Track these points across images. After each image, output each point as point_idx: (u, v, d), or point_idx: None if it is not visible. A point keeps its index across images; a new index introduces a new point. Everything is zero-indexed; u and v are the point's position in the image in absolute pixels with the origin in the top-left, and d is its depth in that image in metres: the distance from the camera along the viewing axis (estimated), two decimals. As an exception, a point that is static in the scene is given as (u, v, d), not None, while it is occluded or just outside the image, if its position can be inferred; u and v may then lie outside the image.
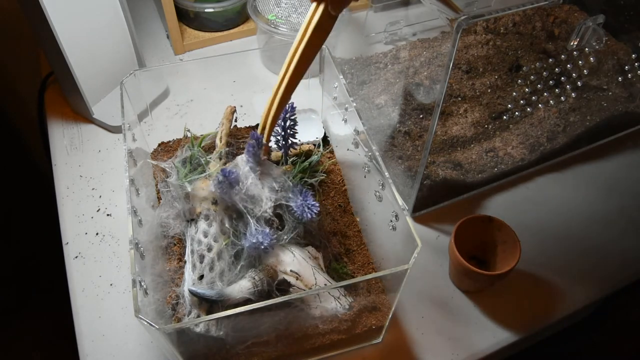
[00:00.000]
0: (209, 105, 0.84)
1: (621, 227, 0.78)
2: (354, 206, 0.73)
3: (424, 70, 0.87)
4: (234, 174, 0.57)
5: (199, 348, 0.54)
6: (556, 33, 0.84)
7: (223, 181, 0.57)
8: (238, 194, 0.58)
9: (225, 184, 0.57)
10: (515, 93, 0.77)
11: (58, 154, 0.83)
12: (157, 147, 0.81)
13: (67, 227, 0.73)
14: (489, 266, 0.69)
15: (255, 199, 0.58)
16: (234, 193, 0.58)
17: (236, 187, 0.58)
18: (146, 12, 1.08)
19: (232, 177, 0.57)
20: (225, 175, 0.57)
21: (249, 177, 0.59)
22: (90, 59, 0.80)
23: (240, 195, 0.58)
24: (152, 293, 0.53)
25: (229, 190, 0.58)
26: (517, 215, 0.78)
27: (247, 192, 0.58)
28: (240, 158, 0.61)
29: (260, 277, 0.55)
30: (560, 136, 0.83)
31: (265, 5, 0.94)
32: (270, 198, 0.58)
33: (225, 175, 0.56)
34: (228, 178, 0.57)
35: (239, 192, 0.58)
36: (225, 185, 0.57)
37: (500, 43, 0.86)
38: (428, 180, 0.74)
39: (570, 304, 0.69)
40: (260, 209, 0.58)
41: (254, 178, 0.59)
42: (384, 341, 0.64)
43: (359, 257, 0.68)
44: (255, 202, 0.58)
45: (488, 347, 0.64)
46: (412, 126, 0.81)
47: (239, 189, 0.58)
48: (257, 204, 0.58)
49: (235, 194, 0.58)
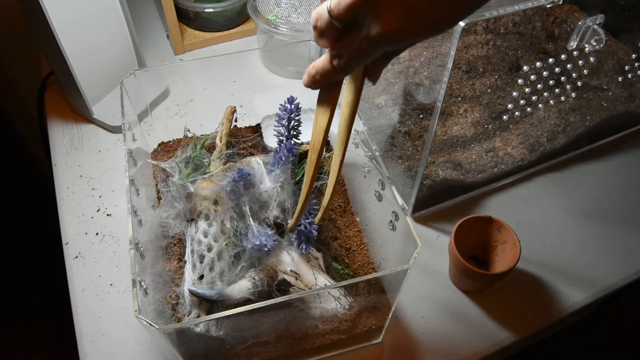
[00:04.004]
0: (209, 105, 0.84)
1: (621, 227, 0.78)
2: (354, 206, 0.73)
3: (424, 70, 0.87)
4: (250, 176, 0.57)
5: (199, 348, 0.54)
6: (556, 33, 0.84)
7: (238, 181, 0.56)
8: (248, 195, 0.58)
9: (239, 184, 0.57)
10: (515, 93, 0.77)
11: (58, 154, 0.83)
12: (157, 147, 0.81)
13: (67, 227, 0.73)
14: (489, 266, 0.69)
15: (264, 204, 0.58)
16: (245, 194, 0.58)
17: (250, 189, 0.58)
18: (146, 12, 1.08)
19: (249, 179, 0.56)
20: (242, 176, 0.56)
21: (265, 181, 0.59)
22: (90, 59, 0.80)
23: (250, 197, 0.58)
24: (152, 293, 0.53)
25: (241, 191, 0.57)
26: (517, 215, 0.78)
27: (259, 197, 0.58)
28: (255, 160, 0.61)
29: (260, 277, 0.55)
30: (560, 136, 0.83)
31: (265, 5, 0.94)
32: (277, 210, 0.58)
33: (241, 175, 0.56)
34: (244, 179, 0.56)
35: (250, 194, 0.58)
36: (240, 186, 0.57)
37: (500, 43, 0.86)
38: (428, 180, 0.74)
39: (570, 304, 0.69)
40: (265, 214, 0.58)
41: (268, 187, 0.58)
42: (384, 341, 0.64)
43: (359, 257, 0.68)
44: (263, 206, 0.58)
45: (488, 347, 0.64)
46: (412, 126, 0.81)
47: (252, 191, 0.58)
48: (264, 208, 0.58)
49: (246, 195, 0.58)
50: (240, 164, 0.62)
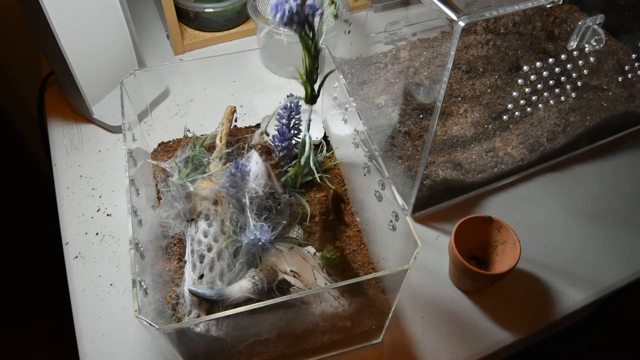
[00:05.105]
0: (209, 105, 0.84)
1: (621, 227, 0.78)
2: (354, 206, 0.73)
3: (424, 70, 0.87)
4: (246, 166, 0.57)
5: (199, 348, 0.54)
6: (556, 33, 0.84)
7: (235, 174, 0.57)
8: (248, 184, 0.58)
9: (237, 176, 0.57)
10: (515, 93, 0.77)
11: (58, 154, 0.83)
12: (157, 147, 0.81)
13: (67, 227, 0.73)
14: (489, 266, 0.69)
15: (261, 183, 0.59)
16: (243, 185, 0.58)
17: (247, 178, 0.58)
18: (146, 12, 1.08)
19: (245, 170, 0.57)
20: (238, 168, 0.57)
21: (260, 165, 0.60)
22: (90, 59, 0.80)
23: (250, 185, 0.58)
24: (152, 293, 0.53)
25: (240, 183, 0.58)
26: (517, 215, 0.78)
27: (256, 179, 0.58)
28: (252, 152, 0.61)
29: (260, 277, 0.55)
30: (560, 136, 0.83)
31: (265, 5, 0.94)
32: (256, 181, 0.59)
33: (237, 168, 0.57)
34: (240, 170, 0.57)
35: (248, 182, 0.58)
36: (237, 178, 0.57)
37: (500, 43, 0.86)
38: (428, 180, 0.74)
39: (570, 304, 0.69)
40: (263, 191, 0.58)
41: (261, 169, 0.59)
42: (384, 341, 0.64)
43: (359, 257, 0.68)
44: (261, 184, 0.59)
45: (488, 347, 0.64)
46: (412, 126, 0.81)
47: (249, 178, 0.58)
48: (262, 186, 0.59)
49: (245, 187, 0.58)
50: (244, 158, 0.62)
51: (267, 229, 0.56)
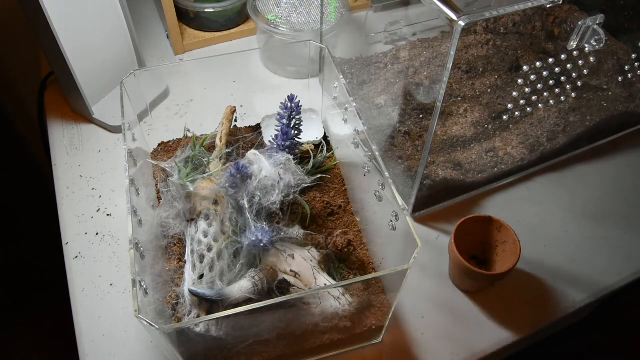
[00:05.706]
0: (209, 105, 0.84)
1: (621, 227, 0.77)
2: (354, 206, 0.73)
3: (424, 70, 0.87)
4: (247, 168, 0.57)
5: (199, 348, 0.54)
6: (556, 33, 0.84)
7: (235, 175, 0.57)
8: (248, 187, 0.58)
9: (237, 178, 0.57)
10: (515, 93, 0.77)
11: (58, 154, 0.83)
12: (157, 147, 0.81)
13: (67, 227, 0.73)
14: (489, 266, 0.69)
15: (269, 190, 0.58)
16: (243, 187, 0.58)
17: (247, 181, 0.58)
18: (146, 12, 1.08)
19: (246, 171, 0.57)
20: (239, 169, 0.56)
21: (265, 168, 0.59)
22: (90, 59, 0.80)
23: (251, 188, 0.58)
24: (152, 293, 0.53)
25: (239, 185, 0.57)
26: (517, 215, 0.78)
27: (263, 182, 0.58)
28: (252, 153, 0.61)
29: (260, 277, 0.55)
30: (560, 136, 0.83)
31: (265, 5, 0.94)
32: (284, 191, 0.59)
33: (238, 169, 0.56)
34: (241, 172, 0.57)
35: (249, 185, 0.58)
36: (237, 179, 0.57)
37: (500, 43, 0.86)
38: (428, 180, 0.74)
39: (570, 304, 0.69)
40: (271, 198, 0.58)
41: (270, 171, 0.59)
42: (384, 341, 0.64)
43: (359, 257, 0.68)
44: (268, 192, 0.58)
45: (488, 347, 0.64)
46: (412, 126, 0.81)
47: (252, 181, 0.58)
48: (269, 194, 0.58)
49: (245, 188, 0.58)
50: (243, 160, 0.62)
51: (267, 230, 0.56)
